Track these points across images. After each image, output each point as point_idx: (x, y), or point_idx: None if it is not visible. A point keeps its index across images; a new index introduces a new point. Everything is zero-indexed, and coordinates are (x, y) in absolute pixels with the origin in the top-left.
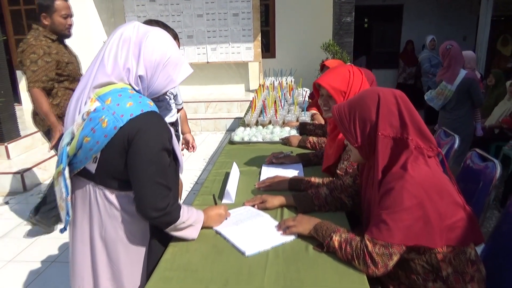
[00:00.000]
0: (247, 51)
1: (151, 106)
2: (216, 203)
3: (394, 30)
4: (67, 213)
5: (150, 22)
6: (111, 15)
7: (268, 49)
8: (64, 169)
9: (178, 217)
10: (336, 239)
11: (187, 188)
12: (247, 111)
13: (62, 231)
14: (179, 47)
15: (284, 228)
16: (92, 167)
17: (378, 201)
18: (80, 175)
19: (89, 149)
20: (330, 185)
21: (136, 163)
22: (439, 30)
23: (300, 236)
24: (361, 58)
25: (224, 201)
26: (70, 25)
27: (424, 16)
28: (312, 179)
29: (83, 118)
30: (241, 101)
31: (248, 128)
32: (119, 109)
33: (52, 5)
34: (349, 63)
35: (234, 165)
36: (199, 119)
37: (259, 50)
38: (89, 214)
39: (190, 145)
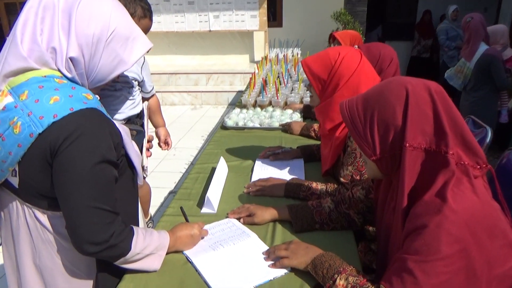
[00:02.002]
0: (252, 19)
1: (88, 100)
2: (186, 220)
3: None
4: None
5: None
6: None
7: (274, 18)
8: None
9: (129, 248)
10: (340, 283)
11: (181, 170)
12: (246, 88)
13: None
14: (150, 24)
15: (274, 258)
16: (14, 181)
17: (402, 238)
18: (4, 187)
19: (1, 161)
20: (336, 196)
21: (63, 182)
22: (459, 0)
23: (294, 269)
24: (377, 29)
25: (204, 210)
26: None
27: None
28: (314, 184)
29: None
30: (244, 73)
31: (244, 111)
32: (38, 107)
33: None
34: (361, 35)
35: (221, 161)
36: (200, 91)
37: (265, 18)
38: (17, 236)
39: (163, 142)
